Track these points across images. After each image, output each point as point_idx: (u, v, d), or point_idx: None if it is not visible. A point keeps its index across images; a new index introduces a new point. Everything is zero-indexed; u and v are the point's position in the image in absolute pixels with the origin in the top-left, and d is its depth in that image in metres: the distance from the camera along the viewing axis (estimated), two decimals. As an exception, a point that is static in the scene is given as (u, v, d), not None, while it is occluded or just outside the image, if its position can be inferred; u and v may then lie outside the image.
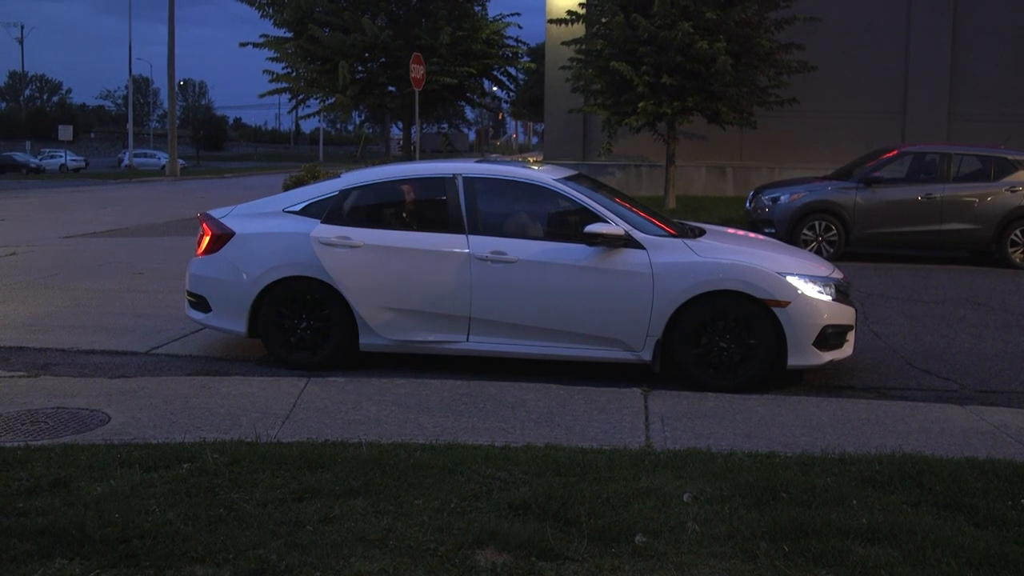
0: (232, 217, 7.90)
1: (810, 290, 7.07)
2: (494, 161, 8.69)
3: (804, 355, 7.01)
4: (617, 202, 7.72)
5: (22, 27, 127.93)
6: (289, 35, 27.44)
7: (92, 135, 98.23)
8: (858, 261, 14.39)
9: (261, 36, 27.93)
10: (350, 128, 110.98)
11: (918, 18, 25.75)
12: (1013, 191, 14.67)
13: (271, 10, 27.25)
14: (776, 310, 6.93)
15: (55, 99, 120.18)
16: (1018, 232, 14.62)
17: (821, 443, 5.54)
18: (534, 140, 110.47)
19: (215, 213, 8.02)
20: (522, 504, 4.28)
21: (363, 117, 46.25)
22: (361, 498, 4.36)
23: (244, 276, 7.55)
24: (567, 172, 8.07)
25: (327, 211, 7.57)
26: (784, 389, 7.14)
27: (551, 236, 7.50)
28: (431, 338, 7.29)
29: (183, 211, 23.36)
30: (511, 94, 38.88)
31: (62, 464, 4.77)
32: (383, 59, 27.20)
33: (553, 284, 7.15)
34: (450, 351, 7.37)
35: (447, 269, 7.19)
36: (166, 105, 65.23)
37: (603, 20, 21.18)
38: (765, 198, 15.68)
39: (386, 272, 7.29)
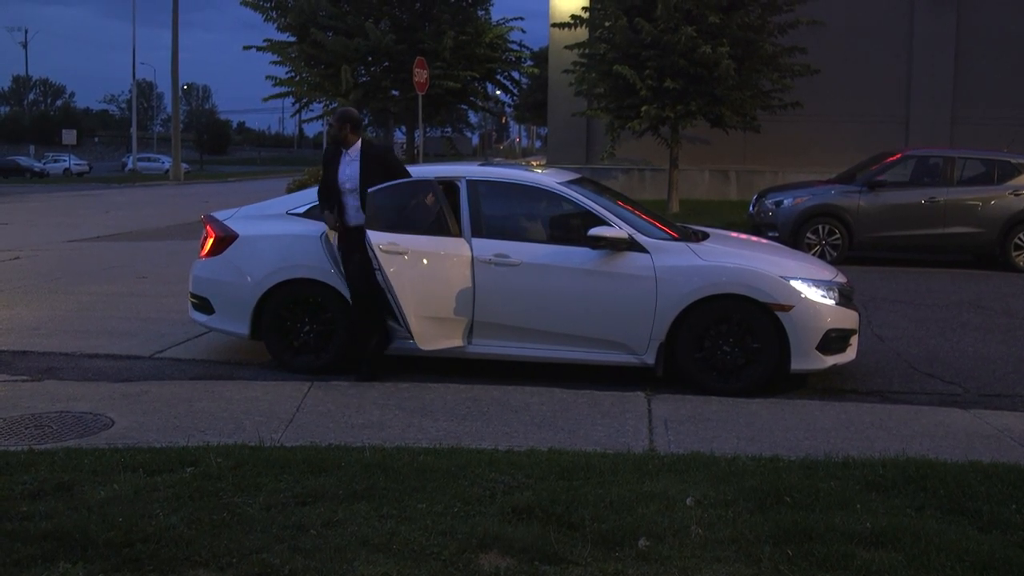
0: (236, 219, 7.91)
1: (813, 294, 7.07)
2: (498, 164, 8.69)
3: (807, 359, 7.00)
4: (620, 205, 7.72)
5: (26, 31, 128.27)
6: (292, 39, 27.48)
7: (96, 139, 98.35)
8: (861, 265, 14.37)
9: (265, 40, 27.99)
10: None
11: (921, 22, 25.75)
12: (1017, 195, 14.64)
13: (275, 14, 27.30)
14: (779, 314, 6.93)
15: (59, 103, 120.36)
16: (1022, 236, 14.58)
17: (825, 447, 5.53)
18: (537, 144, 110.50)
19: (219, 215, 8.03)
20: (525, 508, 4.27)
21: (366, 121, 46.30)
22: (364, 502, 4.36)
23: (247, 278, 7.56)
24: (571, 175, 8.08)
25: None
26: (787, 393, 7.13)
27: (554, 239, 7.51)
28: (438, 344, 7.25)
29: (186, 215, 23.38)
30: (514, 98, 38.90)
31: (66, 468, 4.77)
32: (386, 63, 27.23)
33: (556, 287, 7.15)
34: (453, 354, 7.37)
35: (449, 272, 7.18)
36: (170, 109, 65.43)
37: (606, 24, 21.21)
38: (768, 202, 15.67)
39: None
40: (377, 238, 7.01)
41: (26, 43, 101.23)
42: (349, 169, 7.29)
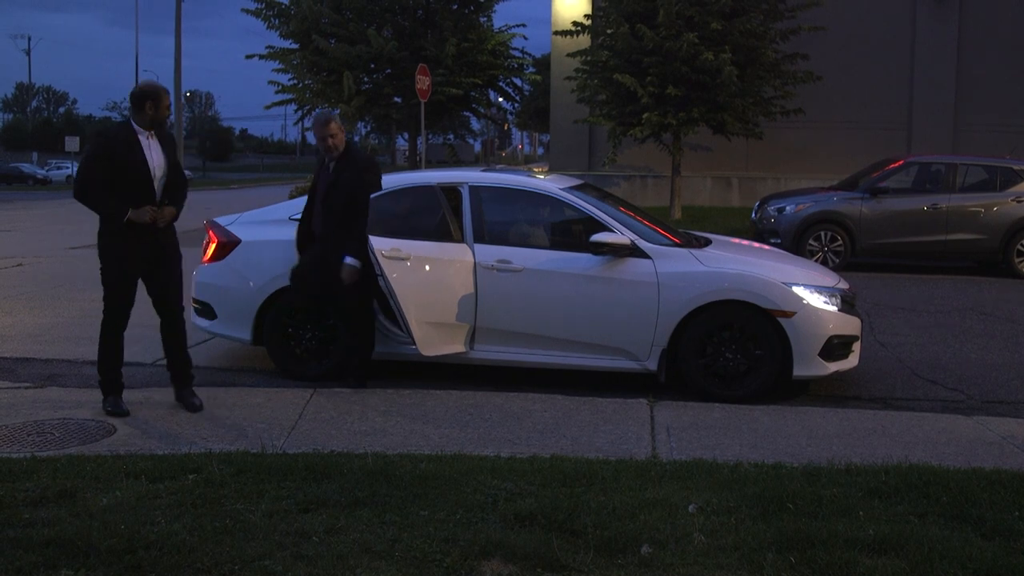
0: (238, 224, 7.91)
1: (816, 300, 7.06)
2: (500, 170, 8.68)
3: (810, 366, 7.00)
4: (623, 211, 7.73)
5: (29, 39, 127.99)
6: (295, 46, 27.50)
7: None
8: (864, 271, 14.37)
9: (267, 47, 27.94)
10: (356, 139, 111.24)
11: (923, 28, 25.75)
12: (1019, 201, 14.65)
13: (277, 22, 27.32)
14: (782, 320, 6.92)
15: (61, 110, 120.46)
16: (1024, 242, 14.61)
17: (827, 454, 5.52)
18: (539, 151, 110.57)
19: (221, 220, 8.05)
20: (528, 515, 4.27)
21: (369, 128, 46.35)
22: (367, 509, 4.36)
23: (250, 284, 7.56)
24: (573, 181, 8.09)
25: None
26: (790, 399, 7.13)
27: (557, 245, 7.51)
28: (440, 350, 7.25)
29: (188, 222, 23.35)
30: (516, 105, 38.92)
31: (68, 475, 4.77)
32: (389, 70, 27.23)
33: (558, 293, 7.15)
34: (454, 360, 7.36)
35: (452, 278, 7.18)
36: (172, 116, 65.48)
37: (608, 31, 21.21)
38: (771, 208, 15.68)
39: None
40: (379, 244, 7.01)
41: (29, 50, 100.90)
42: (156, 155, 6.36)
